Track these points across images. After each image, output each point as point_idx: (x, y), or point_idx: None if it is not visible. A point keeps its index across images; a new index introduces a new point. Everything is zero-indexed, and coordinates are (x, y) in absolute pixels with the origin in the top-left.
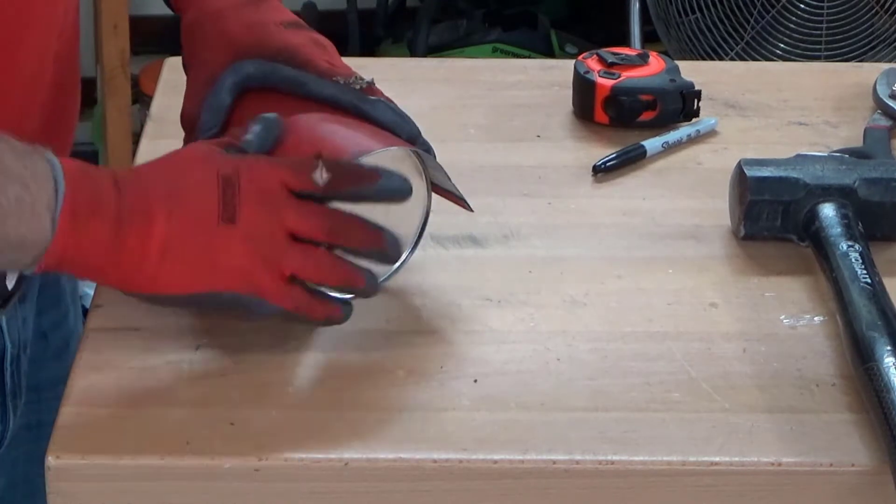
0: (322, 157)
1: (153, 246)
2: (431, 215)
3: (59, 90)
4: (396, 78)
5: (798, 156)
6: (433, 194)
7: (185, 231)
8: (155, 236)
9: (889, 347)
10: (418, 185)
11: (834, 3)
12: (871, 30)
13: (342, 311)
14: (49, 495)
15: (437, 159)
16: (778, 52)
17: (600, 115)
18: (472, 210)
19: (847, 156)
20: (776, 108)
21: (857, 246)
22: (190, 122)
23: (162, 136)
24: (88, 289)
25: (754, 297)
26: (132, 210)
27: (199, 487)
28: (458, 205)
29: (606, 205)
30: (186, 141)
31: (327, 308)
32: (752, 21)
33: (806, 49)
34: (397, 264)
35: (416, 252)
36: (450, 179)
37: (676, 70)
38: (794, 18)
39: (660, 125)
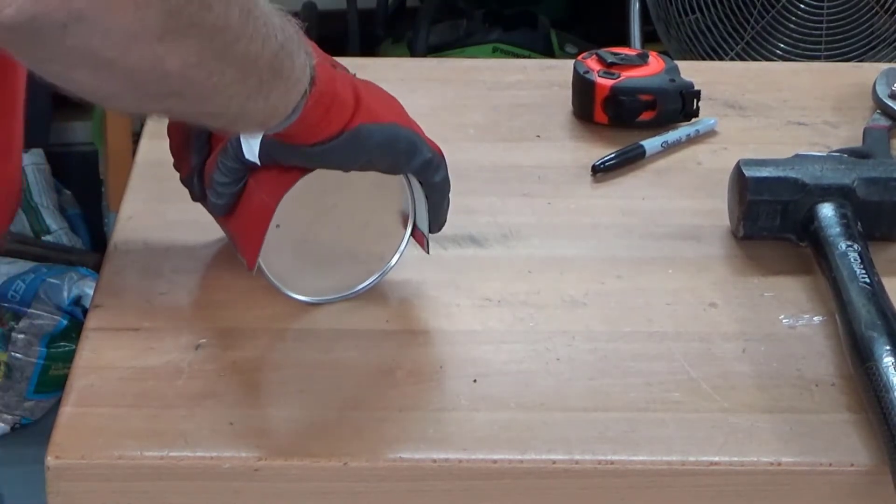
0: None
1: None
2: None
3: None
4: (396, 78)
5: (797, 156)
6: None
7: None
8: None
9: (888, 347)
10: (402, 193)
11: (834, 3)
12: (871, 30)
13: None
14: (49, 495)
15: None
16: (778, 52)
17: (600, 115)
18: (428, 253)
19: (846, 155)
20: (776, 108)
21: (855, 246)
22: (178, 145)
23: (162, 137)
24: (88, 289)
25: (754, 297)
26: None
27: (198, 487)
28: (418, 242)
29: (606, 205)
30: (178, 166)
31: None
32: (752, 21)
33: (806, 49)
34: (380, 272)
35: (415, 252)
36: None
37: (676, 70)
38: (794, 18)
39: (659, 125)
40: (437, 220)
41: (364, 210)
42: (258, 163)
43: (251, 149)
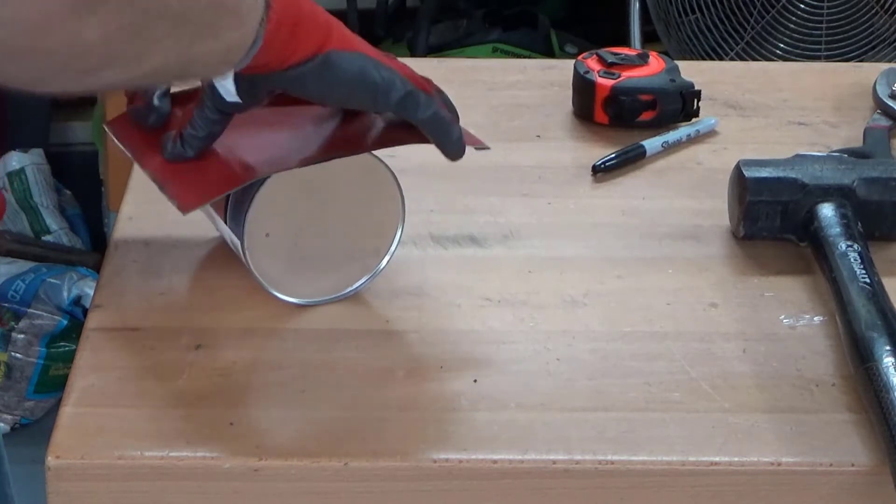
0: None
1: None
2: (433, 214)
3: None
4: None
5: (797, 156)
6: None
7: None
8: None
9: (888, 347)
10: (392, 194)
11: (834, 3)
12: (871, 30)
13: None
14: (49, 495)
15: (437, 159)
16: (778, 52)
17: (600, 115)
18: (488, 147)
19: (846, 155)
20: (776, 108)
21: (856, 246)
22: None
23: None
24: (88, 289)
25: (754, 297)
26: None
27: (199, 487)
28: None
29: (606, 205)
30: (130, 104)
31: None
32: (752, 21)
33: (806, 49)
34: (373, 272)
35: (415, 252)
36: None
37: (676, 70)
38: (794, 18)
39: (659, 125)
40: (449, 152)
41: (355, 207)
42: (240, 102)
43: (227, 90)
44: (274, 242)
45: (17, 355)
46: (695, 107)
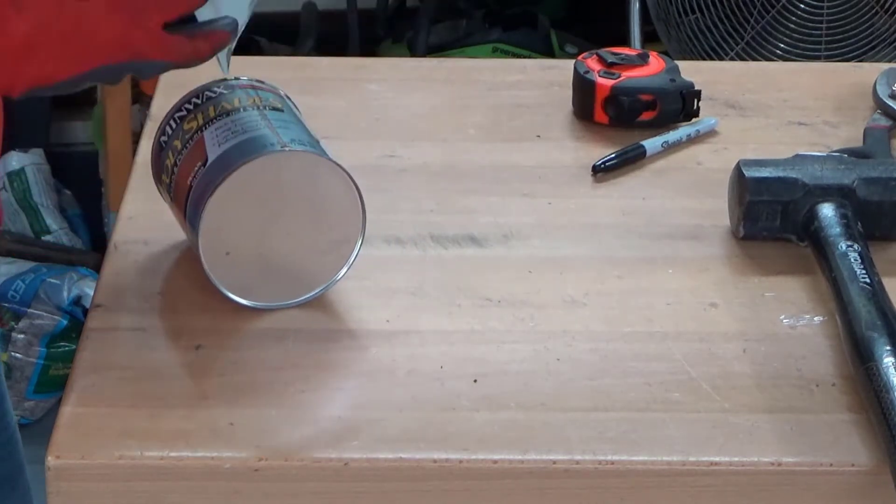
0: None
1: (10, 47)
2: (433, 214)
3: None
4: (396, 78)
5: (797, 156)
6: None
7: (42, 21)
8: (10, 36)
9: (888, 347)
10: (352, 200)
11: (834, 3)
12: (871, 30)
13: (229, 33)
14: (49, 495)
15: (437, 159)
16: (778, 52)
17: (600, 115)
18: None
19: (846, 155)
20: (776, 108)
21: (856, 246)
22: None
23: None
24: (88, 289)
25: (754, 297)
26: None
27: (199, 487)
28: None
29: (606, 205)
30: None
31: (213, 39)
32: (752, 21)
33: (806, 49)
34: (332, 279)
35: (415, 252)
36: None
37: (676, 70)
38: (794, 18)
39: (660, 125)
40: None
41: (313, 210)
42: None
43: None
44: (235, 257)
45: (17, 355)
46: (695, 107)
